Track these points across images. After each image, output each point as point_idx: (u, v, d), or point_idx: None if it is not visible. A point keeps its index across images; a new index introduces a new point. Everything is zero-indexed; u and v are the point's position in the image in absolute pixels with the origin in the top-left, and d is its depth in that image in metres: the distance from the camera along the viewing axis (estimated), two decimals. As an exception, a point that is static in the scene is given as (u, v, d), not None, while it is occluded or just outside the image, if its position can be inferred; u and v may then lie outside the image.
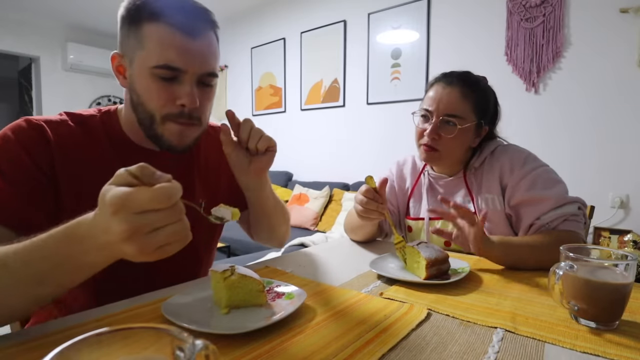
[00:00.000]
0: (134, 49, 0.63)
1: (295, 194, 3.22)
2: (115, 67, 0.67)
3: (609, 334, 0.49)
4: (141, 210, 0.38)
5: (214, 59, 0.66)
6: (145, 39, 0.61)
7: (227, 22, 4.15)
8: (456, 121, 0.91)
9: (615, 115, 2.00)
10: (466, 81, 0.94)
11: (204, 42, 0.64)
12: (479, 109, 0.94)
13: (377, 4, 2.93)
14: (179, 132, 0.66)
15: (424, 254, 0.70)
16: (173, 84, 0.63)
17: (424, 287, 0.66)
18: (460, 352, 0.44)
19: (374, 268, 0.73)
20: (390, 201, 1.11)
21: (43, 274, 0.44)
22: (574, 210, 0.84)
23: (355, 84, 3.14)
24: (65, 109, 0.75)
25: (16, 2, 3.86)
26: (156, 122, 0.64)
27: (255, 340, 0.46)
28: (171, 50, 0.60)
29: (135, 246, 0.39)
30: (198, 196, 0.79)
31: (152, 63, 0.61)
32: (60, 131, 0.65)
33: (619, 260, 0.53)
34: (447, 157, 0.96)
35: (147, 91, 0.63)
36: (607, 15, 1.98)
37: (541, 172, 0.89)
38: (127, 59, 0.64)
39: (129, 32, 0.63)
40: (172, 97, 0.63)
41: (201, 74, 0.64)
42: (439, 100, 0.93)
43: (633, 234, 1.80)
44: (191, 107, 0.64)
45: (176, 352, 0.27)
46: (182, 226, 0.41)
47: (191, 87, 0.63)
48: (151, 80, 0.62)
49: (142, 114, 0.65)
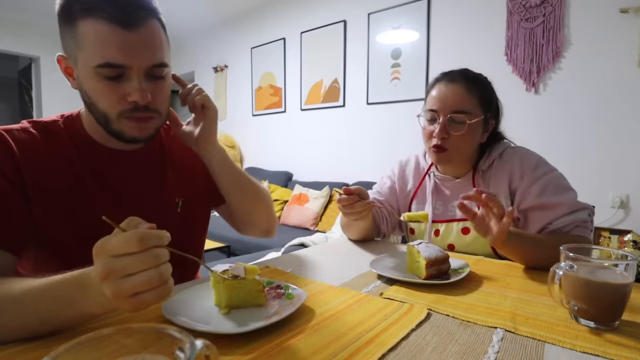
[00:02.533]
0: (74, 49, 0.59)
1: (295, 194, 3.22)
2: (64, 69, 0.64)
3: (609, 334, 0.49)
4: (115, 253, 0.40)
5: (160, 48, 0.61)
6: (82, 37, 0.57)
7: (227, 22, 4.15)
8: (465, 117, 0.90)
9: (615, 115, 2.00)
10: (468, 77, 0.94)
11: (146, 33, 0.59)
12: (484, 102, 0.94)
13: (377, 4, 2.93)
14: (137, 127, 0.63)
15: (424, 254, 0.70)
16: (120, 81, 0.59)
17: (424, 287, 0.66)
18: (460, 352, 0.44)
19: (374, 268, 0.73)
20: (390, 203, 1.10)
21: (49, 316, 0.45)
22: (585, 216, 0.84)
23: (355, 84, 3.14)
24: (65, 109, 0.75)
25: (16, 2, 3.86)
26: (111, 120, 0.62)
27: (255, 340, 0.46)
28: (110, 47, 0.56)
29: (110, 289, 0.40)
30: (172, 193, 0.78)
31: (93, 63, 0.57)
32: (22, 139, 0.63)
33: (619, 260, 0.53)
34: (457, 156, 0.94)
35: (95, 92, 0.60)
36: (607, 15, 1.98)
37: (552, 178, 0.88)
38: (72, 60, 0.61)
39: (65, 31, 0.59)
40: (122, 95, 0.60)
41: (148, 67, 0.60)
42: (444, 99, 0.91)
43: (633, 234, 1.80)
44: (143, 103, 0.61)
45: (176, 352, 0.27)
46: (157, 274, 0.41)
47: (139, 82, 0.60)
48: (97, 80, 0.59)
49: (96, 113, 0.63)
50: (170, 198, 0.77)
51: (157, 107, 0.64)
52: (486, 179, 0.96)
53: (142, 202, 0.73)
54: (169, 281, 0.42)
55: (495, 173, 0.94)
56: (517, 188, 0.90)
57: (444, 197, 1.02)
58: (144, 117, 0.63)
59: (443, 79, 0.95)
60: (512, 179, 0.91)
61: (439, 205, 1.02)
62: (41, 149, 0.64)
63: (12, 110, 5.72)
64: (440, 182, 1.03)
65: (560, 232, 0.84)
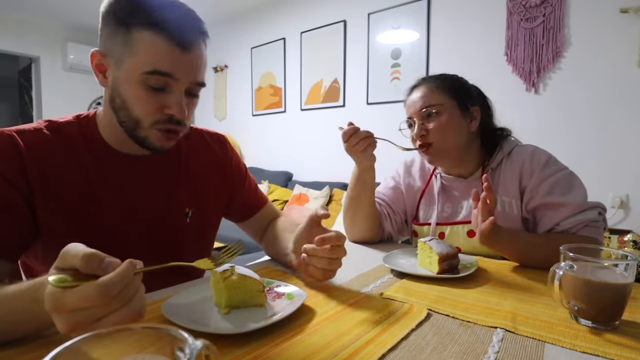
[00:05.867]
0: (121, 51, 0.60)
1: (295, 194, 3.22)
2: (95, 65, 0.64)
3: (609, 334, 0.49)
4: (76, 308, 0.36)
5: (203, 69, 0.66)
6: (136, 43, 0.59)
7: (227, 22, 4.15)
8: (434, 109, 0.93)
9: (615, 115, 2.00)
10: (431, 77, 0.99)
11: (195, 54, 0.63)
12: (454, 92, 0.95)
13: (377, 4, 2.93)
14: (165, 137, 0.65)
15: (435, 249, 0.72)
16: (162, 93, 0.62)
17: (424, 287, 0.67)
18: (460, 352, 0.44)
19: (387, 263, 0.76)
20: (394, 203, 1.09)
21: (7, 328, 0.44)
22: (594, 216, 0.83)
23: (355, 84, 3.14)
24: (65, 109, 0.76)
25: (16, 2, 3.86)
26: (142, 127, 0.63)
27: (255, 340, 0.46)
28: (165, 60, 0.60)
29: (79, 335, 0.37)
30: (184, 203, 0.77)
31: (142, 69, 0.60)
32: (34, 141, 0.63)
33: (619, 260, 0.53)
34: (444, 145, 0.94)
35: (135, 97, 0.62)
36: (607, 15, 1.98)
37: (562, 177, 0.87)
38: (112, 59, 0.62)
39: (115, 33, 0.61)
40: (160, 106, 0.62)
41: (190, 84, 0.64)
42: (414, 104, 0.97)
43: (633, 234, 1.80)
44: (179, 117, 0.64)
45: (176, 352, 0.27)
46: (130, 311, 0.38)
47: (180, 97, 0.63)
48: (140, 86, 0.61)
49: (125, 117, 0.64)
50: (180, 207, 0.77)
51: (186, 122, 0.67)
52: (495, 177, 0.95)
53: (152, 210, 0.73)
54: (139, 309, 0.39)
55: (504, 171, 0.94)
56: (527, 186, 0.89)
57: (453, 198, 1.01)
58: (174, 129, 0.65)
59: (411, 90, 1.00)
60: (522, 177, 0.91)
61: (448, 207, 1.01)
62: (52, 151, 0.64)
63: (12, 110, 5.72)
64: (449, 183, 1.02)
65: (568, 233, 0.83)
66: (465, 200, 0.98)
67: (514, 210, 0.90)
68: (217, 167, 0.85)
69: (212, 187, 0.83)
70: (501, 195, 0.92)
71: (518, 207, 0.90)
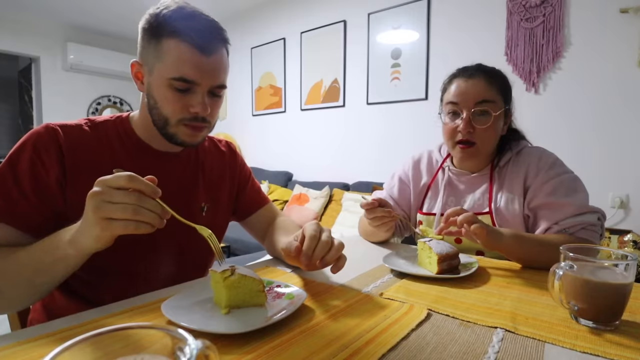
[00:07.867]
0: (153, 61, 0.69)
1: (295, 194, 3.22)
2: (134, 74, 0.73)
3: (609, 334, 0.49)
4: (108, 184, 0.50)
5: (224, 72, 0.73)
6: (164, 52, 0.67)
7: (227, 22, 4.15)
8: (489, 108, 0.90)
9: (615, 115, 2.00)
10: (486, 70, 0.95)
11: (217, 59, 0.70)
12: (504, 93, 0.94)
13: (377, 4, 2.93)
14: (191, 133, 0.72)
15: (435, 249, 0.72)
16: (187, 94, 0.69)
17: (424, 287, 0.67)
18: (460, 352, 0.44)
19: (387, 263, 0.76)
20: (402, 203, 1.09)
21: (40, 262, 0.56)
22: (593, 220, 0.83)
23: (355, 84, 3.14)
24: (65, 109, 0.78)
25: (16, 2, 3.86)
26: (170, 124, 0.71)
27: (255, 340, 0.46)
28: (187, 65, 0.67)
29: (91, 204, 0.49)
30: (201, 198, 0.83)
31: (169, 75, 0.67)
32: (73, 134, 0.70)
33: (619, 260, 0.53)
34: (483, 149, 0.94)
35: (163, 99, 0.69)
36: (607, 15, 1.98)
37: (566, 179, 0.87)
38: (147, 68, 0.70)
39: (149, 44, 0.69)
40: (185, 106, 0.70)
41: (212, 86, 0.71)
42: (465, 93, 0.91)
43: (633, 234, 1.80)
44: (203, 115, 0.71)
45: (176, 352, 0.27)
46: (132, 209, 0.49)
47: (203, 97, 0.70)
48: (167, 89, 0.68)
49: (157, 116, 0.72)
50: (198, 201, 0.83)
51: (210, 119, 0.74)
52: (502, 175, 0.96)
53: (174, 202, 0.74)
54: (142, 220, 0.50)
55: (511, 170, 0.94)
56: (531, 185, 0.90)
57: (457, 192, 1.01)
58: (199, 126, 0.72)
59: (461, 75, 0.94)
60: (527, 176, 0.91)
61: (451, 201, 1.01)
62: (89, 146, 0.71)
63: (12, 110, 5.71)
64: (456, 176, 1.02)
65: (565, 233, 0.83)
66: (468, 194, 0.99)
67: (515, 207, 0.91)
68: (227, 169, 0.92)
69: (223, 187, 0.90)
70: (506, 191, 0.93)
71: (520, 204, 0.91)
